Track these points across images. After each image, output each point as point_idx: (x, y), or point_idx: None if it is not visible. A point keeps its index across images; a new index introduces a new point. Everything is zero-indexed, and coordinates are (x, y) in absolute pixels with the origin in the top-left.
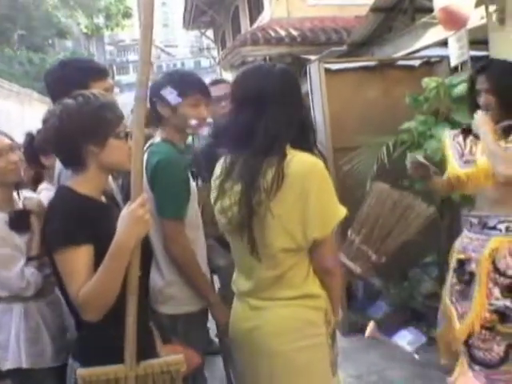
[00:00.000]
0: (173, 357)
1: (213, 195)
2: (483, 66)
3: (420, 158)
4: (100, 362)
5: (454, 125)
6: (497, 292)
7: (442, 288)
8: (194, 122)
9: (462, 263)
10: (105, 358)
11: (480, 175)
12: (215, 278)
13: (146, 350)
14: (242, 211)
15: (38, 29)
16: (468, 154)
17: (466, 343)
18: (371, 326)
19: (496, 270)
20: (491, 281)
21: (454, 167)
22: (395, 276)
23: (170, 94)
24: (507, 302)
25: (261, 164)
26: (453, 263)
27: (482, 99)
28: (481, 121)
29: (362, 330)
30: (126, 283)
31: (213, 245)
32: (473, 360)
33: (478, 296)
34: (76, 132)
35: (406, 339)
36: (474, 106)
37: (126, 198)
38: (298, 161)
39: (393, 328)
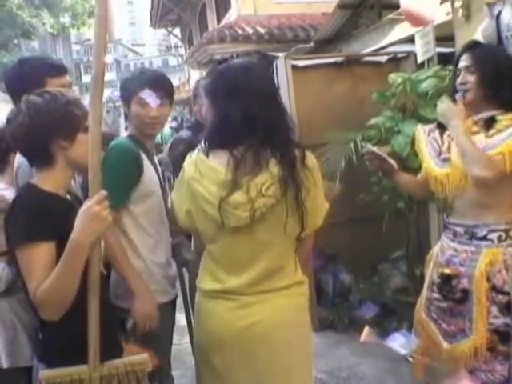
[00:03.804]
0: (137, 356)
1: (208, 192)
2: (468, 45)
3: (372, 148)
4: (64, 363)
5: (420, 120)
6: (495, 310)
7: (411, 282)
8: (142, 120)
9: (447, 278)
10: (69, 358)
11: (457, 176)
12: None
13: (110, 350)
14: (278, 204)
15: (1, 29)
16: (446, 152)
17: (467, 365)
18: (366, 330)
19: (493, 288)
20: (488, 300)
21: (431, 167)
22: (364, 271)
23: (150, 97)
24: (507, 320)
25: (294, 153)
26: (432, 276)
27: (460, 78)
28: (453, 111)
29: (333, 325)
30: (87, 282)
31: (182, 240)
32: (475, 381)
33: (479, 317)
34: (45, 127)
35: (398, 342)
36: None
37: (86, 196)
38: (309, 155)
39: (383, 330)
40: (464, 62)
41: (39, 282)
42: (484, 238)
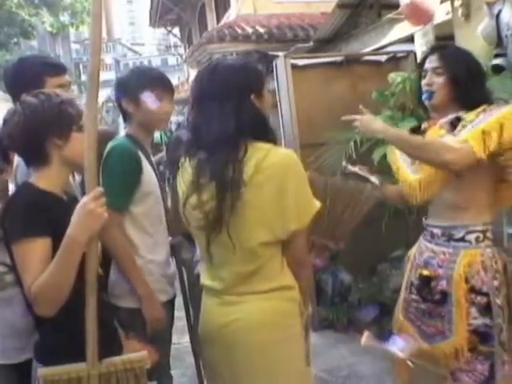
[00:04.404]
0: (136, 354)
1: (182, 191)
2: (435, 46)
3: (354, 168)
4: (62, 361)
5: (420, 119)
6: (474, 311)
7: None
8: (158, 115)
9: (426, 280)
10: (66, 357)
11: (428, 180)
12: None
13: (109, 348)
14: (219, 206)
15: (1, 27)
16: None
17: (449, 366)
18: (366, 334)
19: (472, 289)
20: (467, 301)
21: (407, 174)
22: (364, 271)
23: (149, 98)
24: (486, 321)
25: (229, 158)
26: (411, 277)
27: (426, 79)
28: (371, 122)
29: (332, 325)
30: (83, 279)
31: (180, 240)
32: (456, 382)
33: (459, 318)
34: (40, 126)
35: (397, 346)
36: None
37: (84, 193)
38: (276, 153)
39: (382, 330)
40: (431, 63)
41: (34, 278)
42: (462, 240)
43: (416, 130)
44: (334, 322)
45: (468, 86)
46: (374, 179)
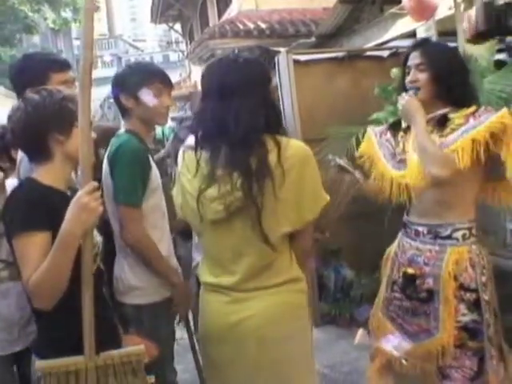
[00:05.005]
0: (133, 347)
1: (192, 186)
2: (417, 43)
3: (339, 161)
4: (60, 355)
5: None
6: (463, 308)
7: None
8: (157, 110)
9: (411, 278)
10: (65, 350)
11: (413, 177)
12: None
13: (107, 342)
14: (246, 196)
15: (3, 24)
16: (401, 153)
17: (436, 364)
18: (360, 332)
19: (460, 286)
20: (456, 298)
21: (387, 169)
22: (366, 267)
23: (147, 96)
24: (474, 317)
25: (254, 150)
26: (392, 276)
27: (410, 76)
28: (415, 107)
29: (335, 320)
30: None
31: (174, 237)
32: (446, 378)
33: (446, 316)
34: (42, 122)
35: (392, 344)
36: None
37: None
38: (294, 145)
39: None
40: (414, 59)
41: (32, 271)
42: (448, 237)
43: (396, 125)
44: (336, 318)
45: (451, 81)
46: (357, 174)
